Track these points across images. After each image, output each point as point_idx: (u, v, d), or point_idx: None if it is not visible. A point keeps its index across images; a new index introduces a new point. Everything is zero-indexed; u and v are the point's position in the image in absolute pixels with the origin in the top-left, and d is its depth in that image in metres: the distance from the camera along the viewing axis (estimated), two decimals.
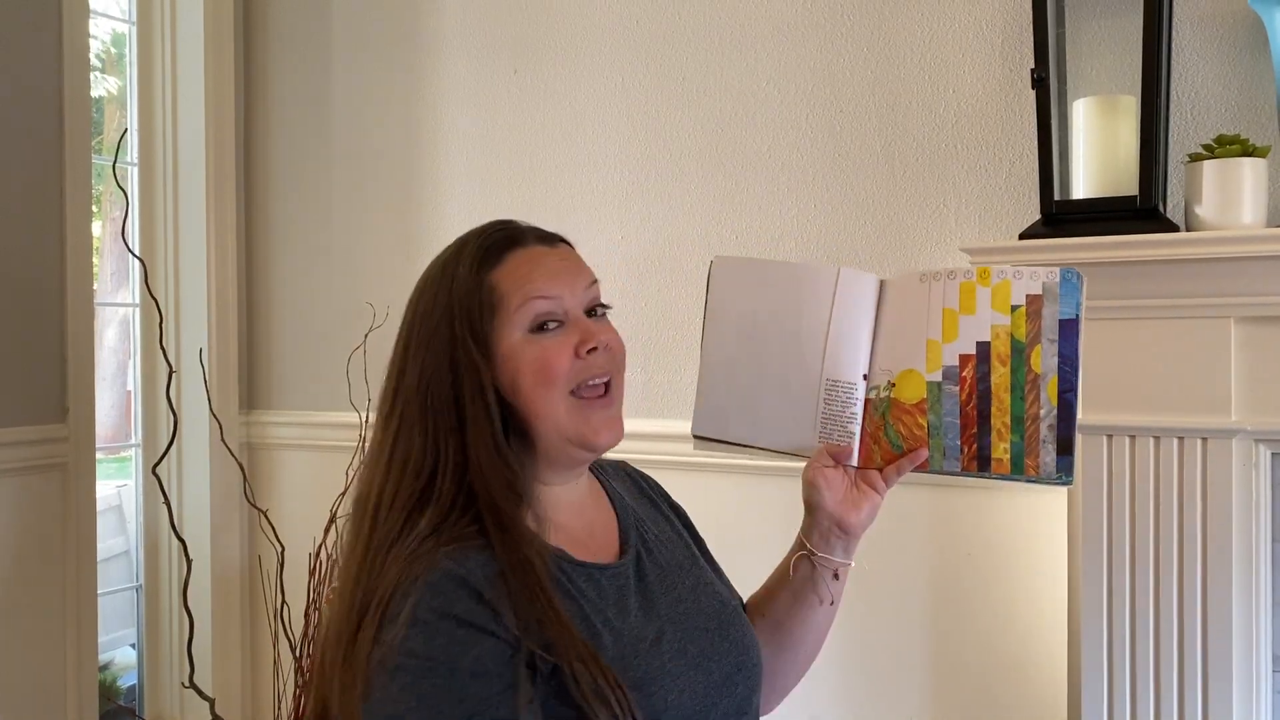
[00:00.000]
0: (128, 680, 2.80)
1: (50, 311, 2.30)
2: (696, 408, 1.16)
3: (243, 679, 2.78)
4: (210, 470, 2.69)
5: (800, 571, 1.11)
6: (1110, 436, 1.67)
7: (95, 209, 2.56)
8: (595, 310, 1.02)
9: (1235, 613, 1.60)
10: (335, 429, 2.56)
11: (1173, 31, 1.73)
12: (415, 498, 0.95)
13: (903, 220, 2.02)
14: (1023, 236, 1.73)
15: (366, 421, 2.37)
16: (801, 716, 2.10)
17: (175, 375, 2.53)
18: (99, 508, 2.45)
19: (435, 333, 0.98)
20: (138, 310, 2.73)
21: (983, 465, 1.07)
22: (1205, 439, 1.61)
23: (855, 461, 1.10)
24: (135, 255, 2.63)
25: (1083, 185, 1.72)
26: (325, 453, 2.59)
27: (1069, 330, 1.04)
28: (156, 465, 2.50)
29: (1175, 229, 1.64)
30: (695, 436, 1.17)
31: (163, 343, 2.58)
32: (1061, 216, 1.71)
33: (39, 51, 2.28)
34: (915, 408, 1.08)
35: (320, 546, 2.37)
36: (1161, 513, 1.64)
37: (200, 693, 2.43)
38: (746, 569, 1.21)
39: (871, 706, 2.06)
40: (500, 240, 1.00)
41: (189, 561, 2.46)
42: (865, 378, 1.10)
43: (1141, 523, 1.65)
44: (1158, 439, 1.64)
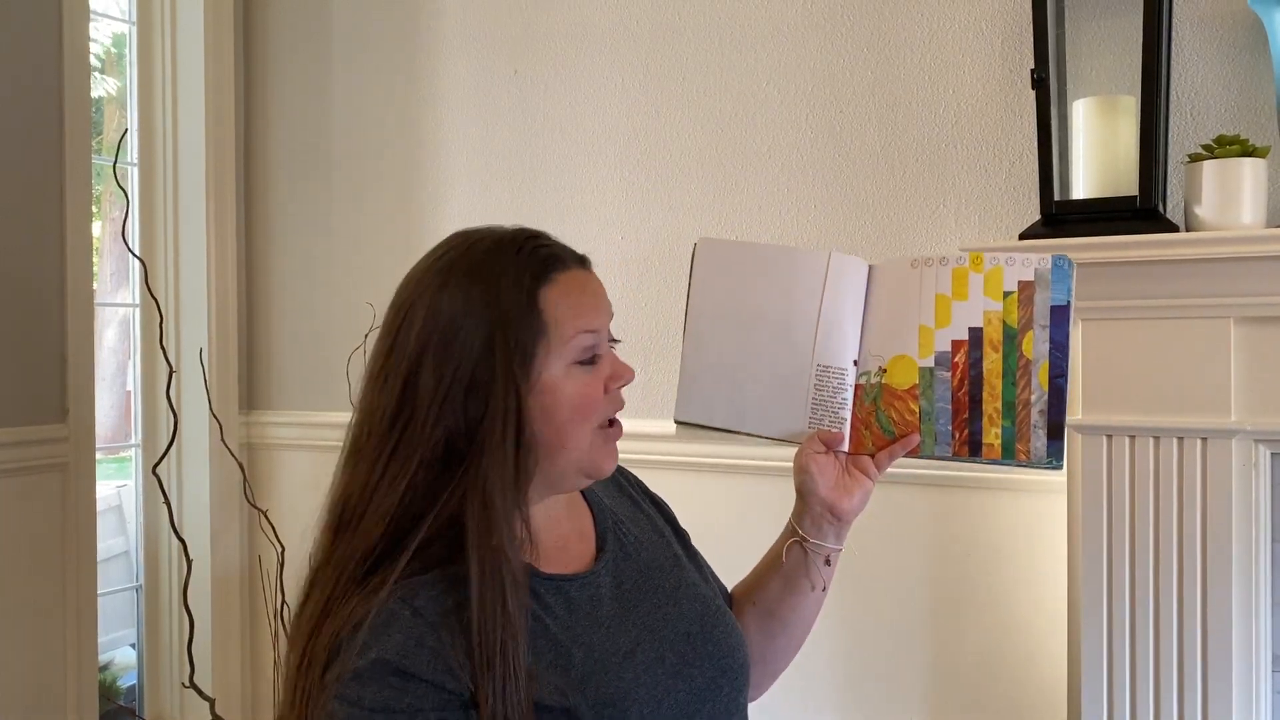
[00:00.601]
0: (128, 680, 2.79)
1: (50, 311, 2.30)
2: (679, 393, 1.14)
3: (243, 679, 2.78)
4: (210, 470, 2.69)
5: (792, 557, 1.11)
6: (1110, 436, 1.67)
7: (95, 209, 2.56)
8: (613, 342, 1.01)
9: (1235, 613, 1.60)
10: (335, 429, 2.52)
11: (1172, 32, 1.73)
12: (402, 523, 0.90)
13: (902, 220, 2.02)
14: (1022, 236, 1.72)
15: None
16: (801, 717, 2.10)
17: (175, 375, 2.54)
18: (99, 508, 2.45)
19: (466, 345, 0.91)
20: (138, 310, 2.73)
21: (974, 450, 1.07)
22: (1205, 439, 1.61)
23: (847, 447, 1.10)
24: (135, 255, 2.63)
25: (1082, 185, 1.72)
26: (325, 453, 2.55)
27: (1060, 316, 1.04)
28: (156, 465, 2.50)
29: (1175, 229, 1.64)
30: (678, 422, 1.16)
31: (163, 343, 2.58)
32: (1061, 216, 1.70)
33: (39, 52, 2.28)
34: (907, 393, 1.08)
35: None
36: (1161, 513, 1.63)
37: (200, 693, 2.44)
38: (745, 569, 1.20)
39: (871, 706, 2.06)
40: (547, 258, 0.96)
41: (189, 561, 2.47)
42: (855, 363, 1.10)
43: (1141, 523, 1.65)
44: (1157, 439, 1.64)
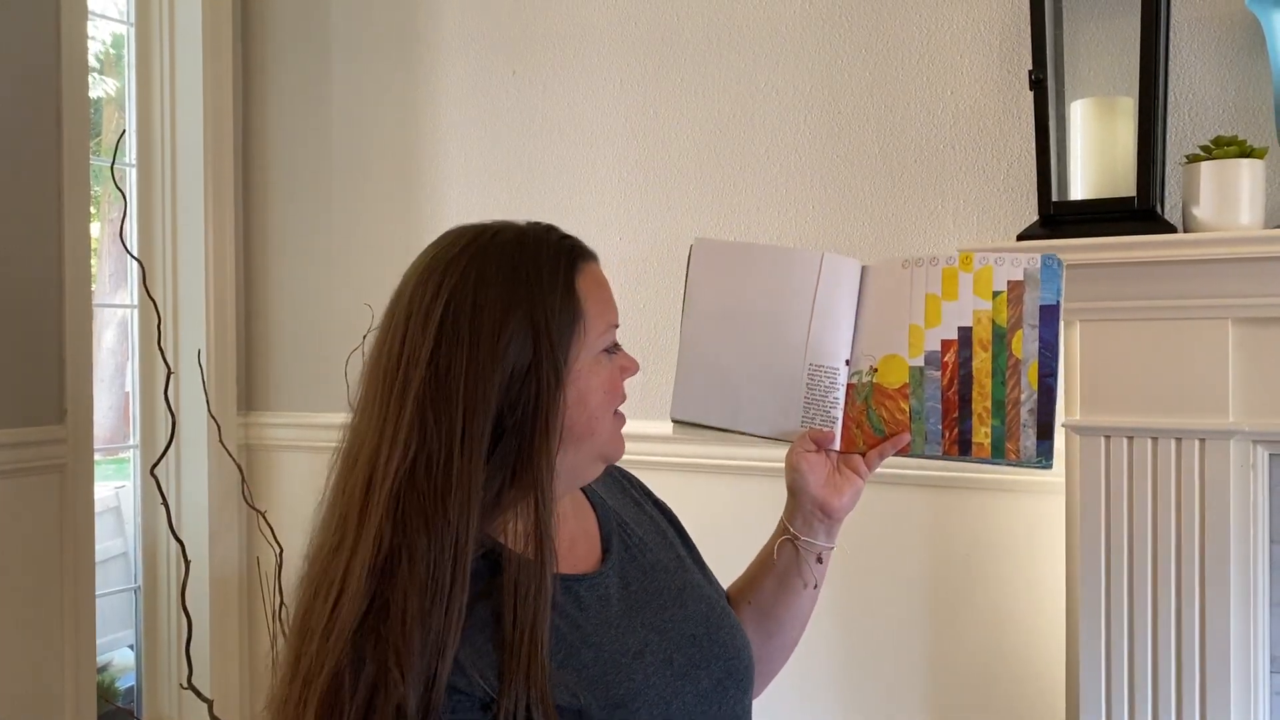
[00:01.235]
0: (126, 681, 2.79)
1: (48, 313, 2.30)
2: (675, 391, 1.16)
3: (241, 680, 2.78)
4: (208, 471, 2.69)
5: (784, 555, 1.12)
6: (1108, 437, 1.66)
7: (93, 210, 2.56)
8: None
9: (1233, 614, 1.59)
10: (334, 430, 2.53)
11: (1170, 33, 1.73)
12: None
13: (901, 221, 2.02)
14: (1020, 238, 1.72)
15: None
16: (801, 717, 2.10)
17: (173, 376, 2.53)
18: (97, 509, 2.45)
19: (500, 331, 0.90)
20: (136, 311, 2.73)
21: (964, 449, 1.08)
22: (1203, 440, 1.61)
23: (838, 446, 1.11)
24: (133, 256, 2.63)
25: (1080, 186, 1.72)
26: (324, 454, 2.52)
27: (1049, 316, 1.05)
28: (155, 466, 2.50)
29: (1173, 230, 1.64)
30: (674, 421, 1.17)
31: (161, 344, 2.58)
32: (1059, 218, 1.70)
33: (37, 53, 2.29)
34: (898, 392, 1.09)
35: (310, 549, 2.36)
36: (1159, 514, 1.63)
37: (199, 694, 2.43)
38: (738, 569, 1.20)
39: (870, 707, 2.06)
40: (573, 248, 0.97)
41: (187, 563, 2.47)
42: (847, 363, 1.11)
43: (1139, 524, 1.64)
44: (1155, 440, 1.63)
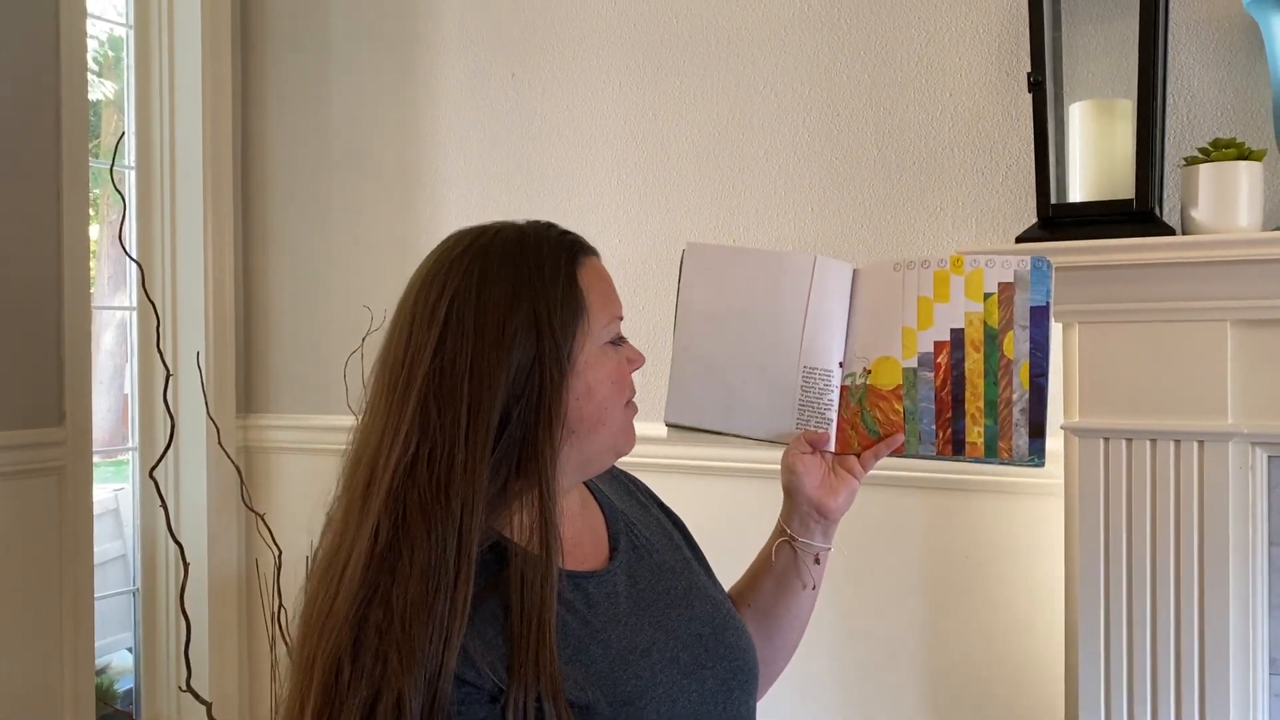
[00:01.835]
0: (125, 684, 2.79)
1: (47, 315, 2.30)
2: (670, 395, 1.17)
3: (240, 682, 2.78)
4: (207, 474, 2.69)
5: (782, 557, 1.13)
6: (1107, 439, 1.66)
7: (92, 212, 2.56)
8: None
9: (1232, 616, 1.59)
10: (333, 432, 2.56)
11: (1169, 35, 1.74)
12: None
13: (899, 224, 2.02)
14: (1019, 240, 1.72)
15: None
16: (801, 717, 2.10)
17: (172, 378, 2.53)
18: (96, 511, 2.45)
19: (505, 325, 0.90)
20: (135, 314, 2.73)
21: (957, 449, 1.10)
22: (1202, 442, 1.61)
23: (833, 447, 1.12)
24: (132, 258, 2.63)
25: (1079, 189, 1.72)
26: (322, 456, 2.59)
27: (1040, 317, 1.07)
28: (154, 469, 2.50)
29: (1171, 232, 1.64)
30: (669, 424, 1.18)
31: (160, 346, 2.58)
32: (1058, 220, 1.70)
33: (36, 55, 2.29)
34: (891, 393, 1.11)
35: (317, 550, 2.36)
36: (1158, 515, 1.63)
37: (197, 696, 2.43)
38: (737, 571, 1.20)
39: (870, 708, 2.06)
40: (573, 243, 0.98)
41: (186, 565, 2.46)
42: (841, 365, 1.12)
43: (1138, 525, 1.64)
44: (1154, 442, 1.63)
